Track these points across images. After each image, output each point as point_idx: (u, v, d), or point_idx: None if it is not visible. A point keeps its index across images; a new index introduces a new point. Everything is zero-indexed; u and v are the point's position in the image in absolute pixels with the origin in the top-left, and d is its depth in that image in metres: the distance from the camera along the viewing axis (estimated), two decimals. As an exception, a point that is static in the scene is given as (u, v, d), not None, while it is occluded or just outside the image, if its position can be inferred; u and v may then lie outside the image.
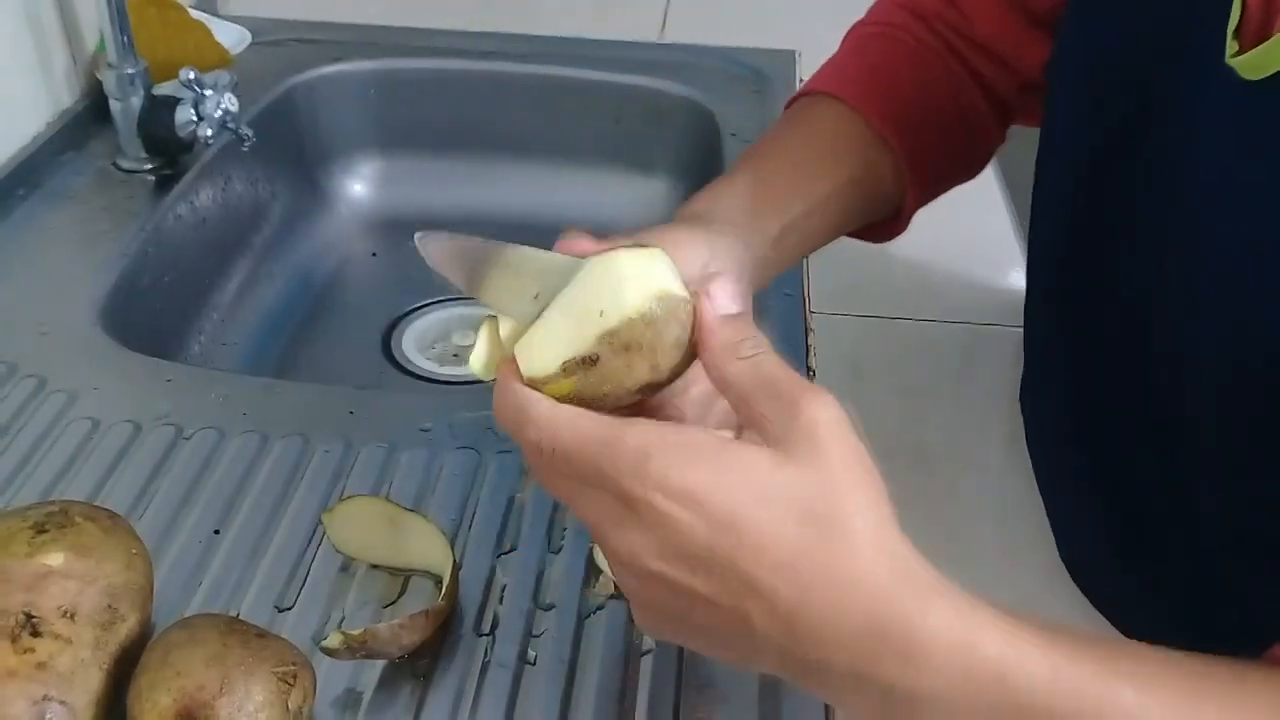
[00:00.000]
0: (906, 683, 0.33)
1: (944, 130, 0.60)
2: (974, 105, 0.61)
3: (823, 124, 0.58)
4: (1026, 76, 0.60)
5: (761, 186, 0.53)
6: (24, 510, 0.47)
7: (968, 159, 0.64)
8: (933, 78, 0.60)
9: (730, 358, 0.35)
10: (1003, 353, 0.73)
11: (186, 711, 0.42)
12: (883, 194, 0.59)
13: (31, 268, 0.76)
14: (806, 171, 0.55)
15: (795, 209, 0.53)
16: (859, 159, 0.57)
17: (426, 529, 0.53)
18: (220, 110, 0.84)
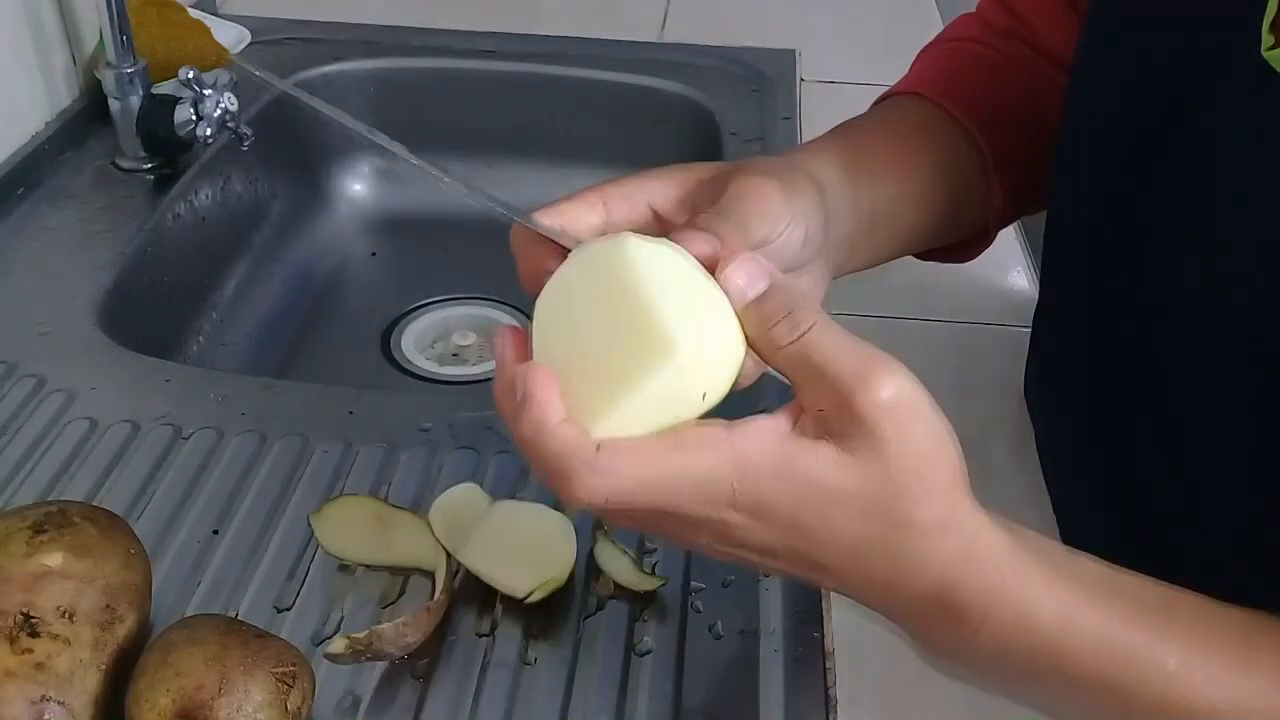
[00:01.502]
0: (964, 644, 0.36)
1: (1031, 140, 0.57)
2: (1054, 110, 0.58)
3: (909, 116, 0.56)
4: None
5: (856, 155, 0.49)
6: (22, 510, 0.47)
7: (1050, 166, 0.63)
8: (1014, 84, 0.58)
9: (772, 349, 0.34)
10: (1003, 353, 0.73)
11: (185, 712, 0.42)
12: (969, 196, 0.57)
13: (30, 267, 0.76)
14: (901, 151, 0.52)
15: (890, 189, 0.50)
16: (949, 149, 0.55)
17: (417, 526, 0.53)
18: (219, 109, 0.83)
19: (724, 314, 0.34)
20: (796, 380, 0.34)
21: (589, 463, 0.33)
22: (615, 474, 0.33)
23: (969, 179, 0.56)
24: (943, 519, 0.34)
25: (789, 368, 0.34)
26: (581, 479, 0.33)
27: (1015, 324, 0.76)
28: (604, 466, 0.33)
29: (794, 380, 0.34)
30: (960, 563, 0.34)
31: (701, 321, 0.33)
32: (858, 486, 0.33)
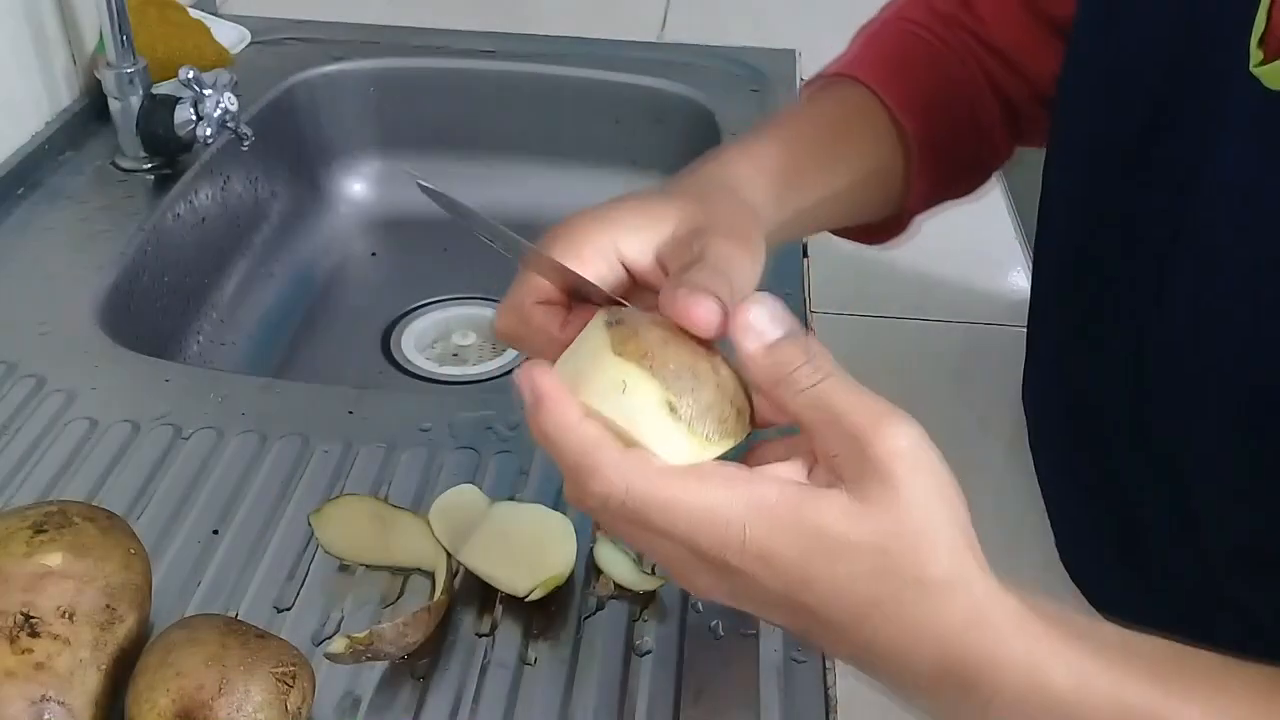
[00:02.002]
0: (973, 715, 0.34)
1: (958, 132, 0.59)
2: (988, 111, 0.60)
3: (847, 108, 0.56)
4: (1043, 87, 0.59)
5: (786, 166, 0.50)
6: (22, 510, 0.47)
7: (974, 168, 0.63)
8: (951, 76, 0.59)
9: (789, 393, 0.34)
10: (1003, 353, 0.73)
11: (185, 712, 0.42)
12: (892, 192, 0.58)
13: (30, 267, 0.76)
14: (832, 157, 0.53)
15: (815, 195, 0.51)
16: (881, 151, 0.56)
17: (417, 526, 0.53)
18: (219, 109, 0.83)
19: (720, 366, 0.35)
20: (812, 424, 0.34)
21: (614, 461, 0.33)
22: (637, 479, 0.33)
23: (894, 173, 0.57)
24: (951, 576, 0.33)
25: (806, 410, 0.34)
26: (604, 474, 0.33)
27: (1015, 324, 0.76)
28: (629, 468, 0.33)
29: (809, 424, 0.34)
30: (969, 629, 0.33)
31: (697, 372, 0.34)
32: (868, 537, 0.32)
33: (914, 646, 0.33)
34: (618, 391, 0.33)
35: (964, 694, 0.33)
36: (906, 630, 0.33)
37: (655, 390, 0.33)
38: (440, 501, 0.55)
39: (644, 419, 0.33)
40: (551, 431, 0.34)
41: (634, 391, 0.33)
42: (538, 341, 0.39)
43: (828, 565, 0.32)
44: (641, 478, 0.33)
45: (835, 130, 0.55)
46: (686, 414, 0.33)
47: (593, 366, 0.34)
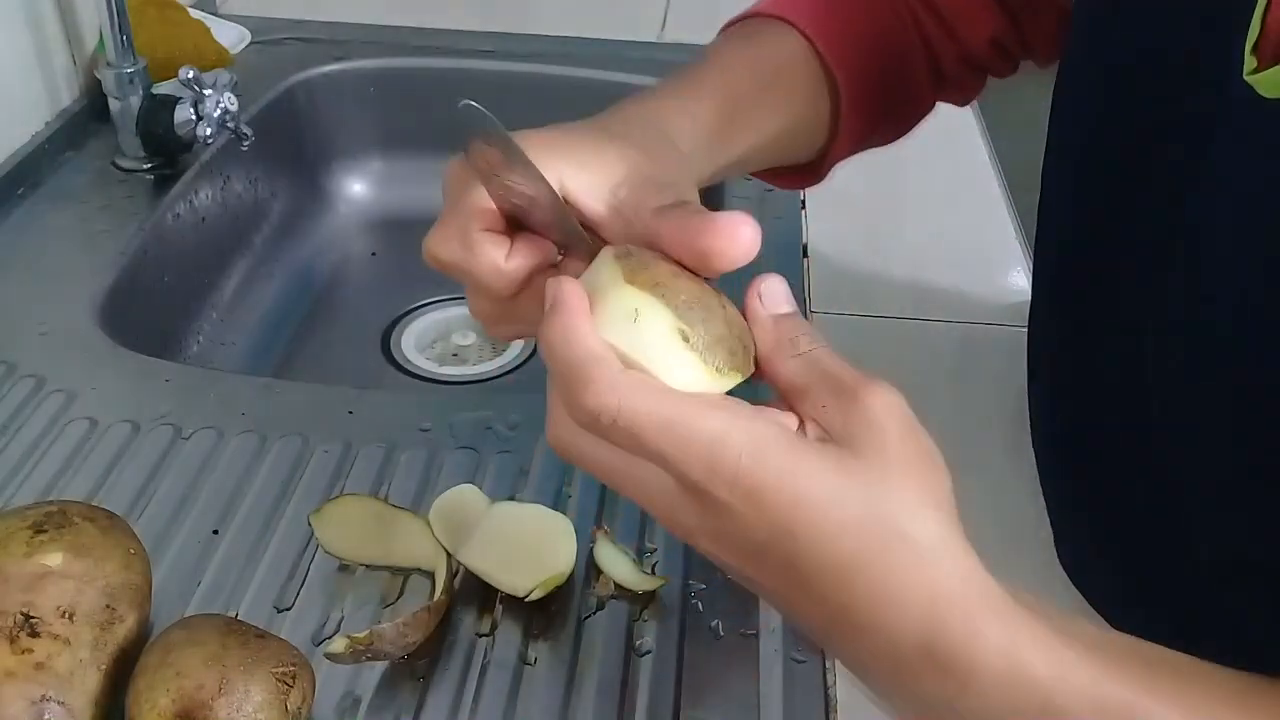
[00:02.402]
0: (949, 699, 0.32)
1: (887, 84, 0.58)
2: (917, 65, 0.60)
3: (778, 53, 0.55)
4: (970, 49, 0.59)
5: (719, 119, 0.49)
6: (22, 510, 0.47)
7: (899, 119, 0.62)
8: (884, 26, 0.58)
9: (785, 355, 0.34)
10: (1003, 353, 0.73)
11: (185, 712, 0.42)
12: (817, 139, 0.58)
13: (30, 267, 0.76)
14: (763, 108, 0.52)
15: (744, 146, 0.51)
16: (810, 100, 0.55)
17: (417, 526, 0.53)
18: (219, 109, 0.84)
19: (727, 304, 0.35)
20: (806, 383, 0.34)
21: (613, 376, 0.32)
22: (635, 395, 0.32)
23: (821, 122, 0.57)
24: (939, 541, 0.32)
25: (800, 372, 0.34)
26: (599, 387, 0.32)
27: (1015, 324, 0.76)
28: (627, 384, 0.32)
29: (802, 385, 0.34)
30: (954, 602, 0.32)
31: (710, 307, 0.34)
32: (859, 488, 0.32)
33: (897, 613, 0.32)
34: (629, 320, 0.33)
35: (941, 674, 0.32)
36: (892, 592, 0.32)
37: (668, 318, 0.33)
38: (440, 501, 0.55)
39: (657, 347, 0.33)
40: (556, 340, 0.33)
41: (646, 319, 0.33)
42: (481, 271, 0.37)
43: (816, 513, 0.31)
44: (641, 395, 0.32)
45: (768, 79, 0.54)
46: (699, 343, 0.33)
47: (603, 297, 0.33)
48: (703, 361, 0.33)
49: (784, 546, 0.32)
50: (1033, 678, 0.32)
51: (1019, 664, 0.32)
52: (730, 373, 0.34)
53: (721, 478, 0.31)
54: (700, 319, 0.33)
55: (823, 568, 0.32)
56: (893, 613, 0.32)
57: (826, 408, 0.33)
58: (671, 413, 0.32)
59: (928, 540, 0.32)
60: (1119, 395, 0.49)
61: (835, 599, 0.32)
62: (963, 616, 0.32)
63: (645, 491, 0.34)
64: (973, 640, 0.32)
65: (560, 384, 0.33)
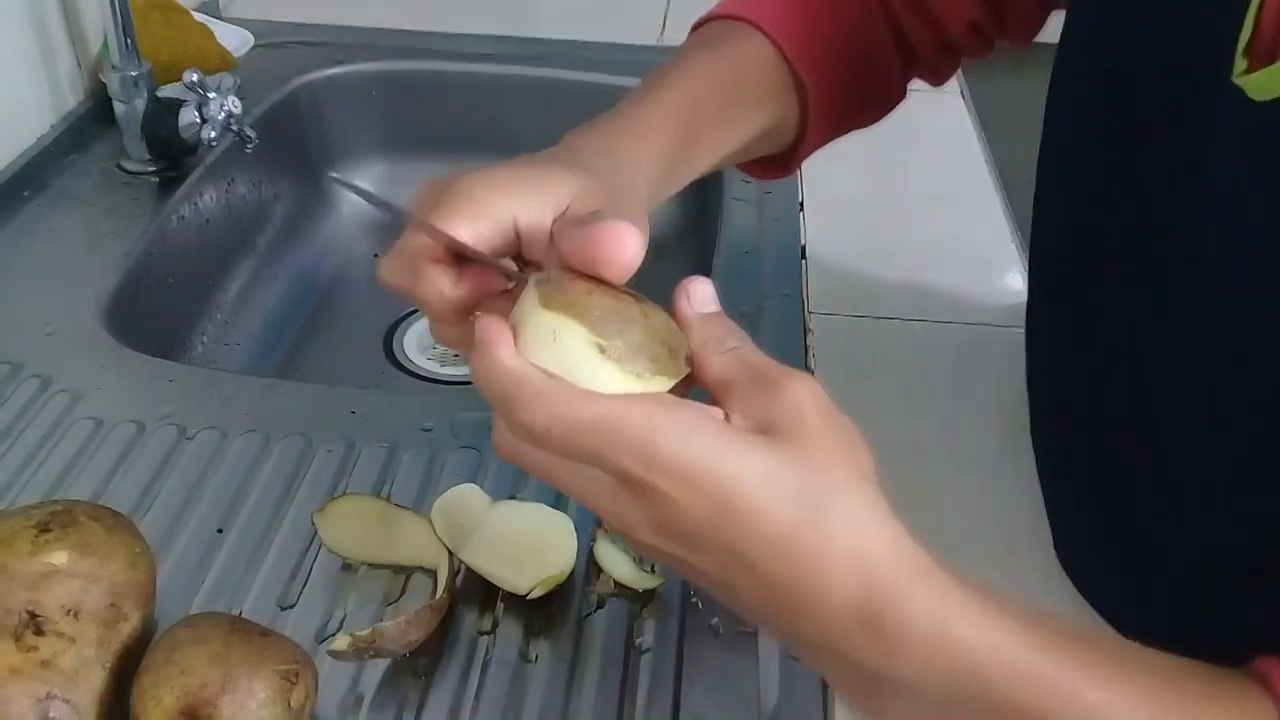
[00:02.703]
0: (880, 665, 0.34)
1: (854, 78, 0.58)
2: (886, 58, 0.59)
3: (743, 63, 0.55)
4: (950, 35, 0.59)
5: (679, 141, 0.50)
6: (28, 509, 0.48)
7: (868, 110, 0.63)
8: (851, 21, 0.58)
9: (712, 352, 0.36)
10: (1001, 353, 0.73)
11: (189, 709, 0.42)
12: (785, 140, 0.58)
13: (36, 268, 0.76)
14: (726, 121, 0.53)
15: (706, 162, 0.52)
16: (775, 107, 0.55)
17: (419, 526, 0.54)
18: (223, 112, 0.84)
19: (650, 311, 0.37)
20: (733, 377, 0.36)
21: (539, 389, 0.34)
22: (561, 405, 0.33)
23: (788, 124, 0.57)
24: (865, 510, 0.33)
25: (728, 367, 0.36)
26: (526, 404, 0.33)
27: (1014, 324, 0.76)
28: (552, 396, 0.33)
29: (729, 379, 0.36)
30: (882, 565, 0.33)
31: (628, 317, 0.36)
32: (788, 469, 0.33)
33: (831, 580, 0.33)
34: (550, 342, 0.35)
35: (873, 636, 0.33)
36: (825, 560, 0.33)
37: (583, 334, 0.35)
38: (442, 501, 0.55)
39: (576, 362, 0.34)
40: (483, 371, 0.35)
41: (563, 338, 0.35)
42: (428, 297, 0.39)
43: (749, 488, 0.33)
44: (566, 402, 0.33)
45: (732, 92, 0.54)
46: (616, 353, 0.35)
47: (525, 324, 0.36)
48: (622, 370, 0.34)
49: (720, 525, 0.33)
50: (960, 641, 0.33)
51: (947, 628, 0.33)
52: (654, 377, 0.35)
53: (655, 466, 0.33)
54: (616, 330, 0.35)
55: (759, 541, 0.33)
56: (826, 580, 0.33)
57: (751, 398, 0.35)
58: (598, 414, 0.33)
59: (857, 510, 0.33)
60: (1118, 391, 0.49)
61: (771, 572, 0.33)
62: (893, 579, 0.33)
63: (587, 491, 0.35)
64: (903, 603, 0.33)
65: (496, 410, 0.35)
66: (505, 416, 0.34)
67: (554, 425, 0.33)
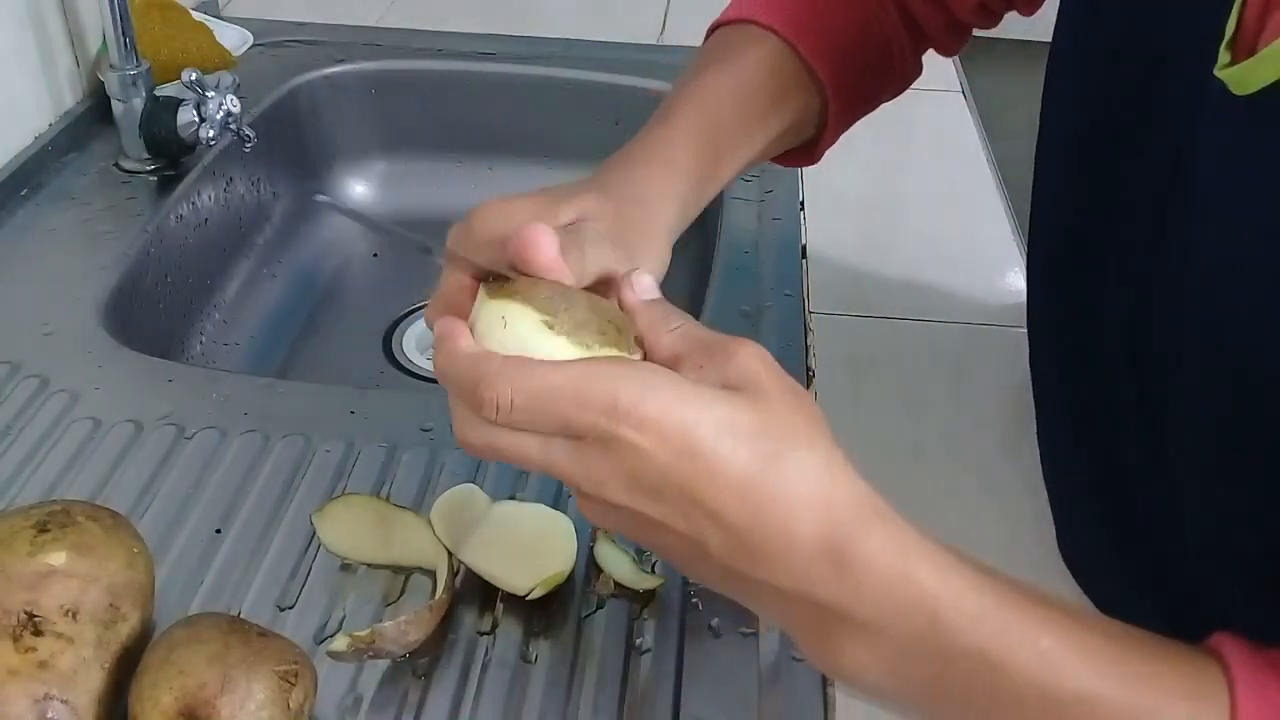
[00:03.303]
0: (840, 604, 0.34)
1: (869, 64, 0.59)
2: (899, 42, 0.60)
3: (761, 66, 0.56)
4: (958, 16, 0.60)
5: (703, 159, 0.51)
6: (26, 510, 0.47)
7: (883, 94, 0.63)
8: (865, 10, 0.59)
9: (660, 331, 0.38)
10: (1002, 353, 0.74)
11: (188, 710, 0.42)
12: (805, 134, 0.59)
13: (34, 268, 0.76)
14: (749, 129, 0.54)
15: (731, 170, 0.53)
16: (796, 106, 0.56)
17: (419, 526, 0.54)
18: (222, 111, 0.84)
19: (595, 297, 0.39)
20: (684, 350, 0.37)
21: (499, 367, 0.35)
22: (522, 375, 0.34)
23: (809, 119, 0.58)
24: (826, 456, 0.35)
25: (677, 342, 0.37)
26: (491, 380, 0.35)
27: (1015, 324, 0.77)
28: (513, 369, 0.35)
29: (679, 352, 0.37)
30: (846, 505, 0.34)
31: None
32: (748, 417, 0.34)
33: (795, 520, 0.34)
34: (500, 327, 0.36)
35: (837, 573, 0.34)
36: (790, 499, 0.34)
37: (529, 313, 0.36)
38: (441, 501, 0.55)
39: (529, 340, 0.36)
40: (444, 363, 0.36)
41: (513, 320, 0.36)
42: None
43: (711, 437, 0.34)
44: (527, 372, 0.35)
45: (750, 101, 0.55)
46: (564, 327, 0.36)
47: (477, 318, 0.37)
48: (572, 342, 0.36)
49: (686, 472, 0.34)
50: (920, 579, 0.34)
51: (908, 566, 0.34)
52: (604, 349, 0.37)
53: (620, 417, 0.34)
54: (562, 307, 0.37)
55: (723, 485, 0.34)
56: (789, 520, 0.34)
57: (705, 367, 0.36)
58: (560, 378, 0.34)
59: (817, 456, 0.35)
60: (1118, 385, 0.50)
61: (735, 517, 0.34)
62: (855, 518, 0.34)
63: (557, 459, 0.36)
64: (866, 539, 0.34)
65: (460, 397, 0.36)
66: (469, 400, 0.35)
67: (518, 396, 0.34)
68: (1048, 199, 0.54)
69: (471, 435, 0.37)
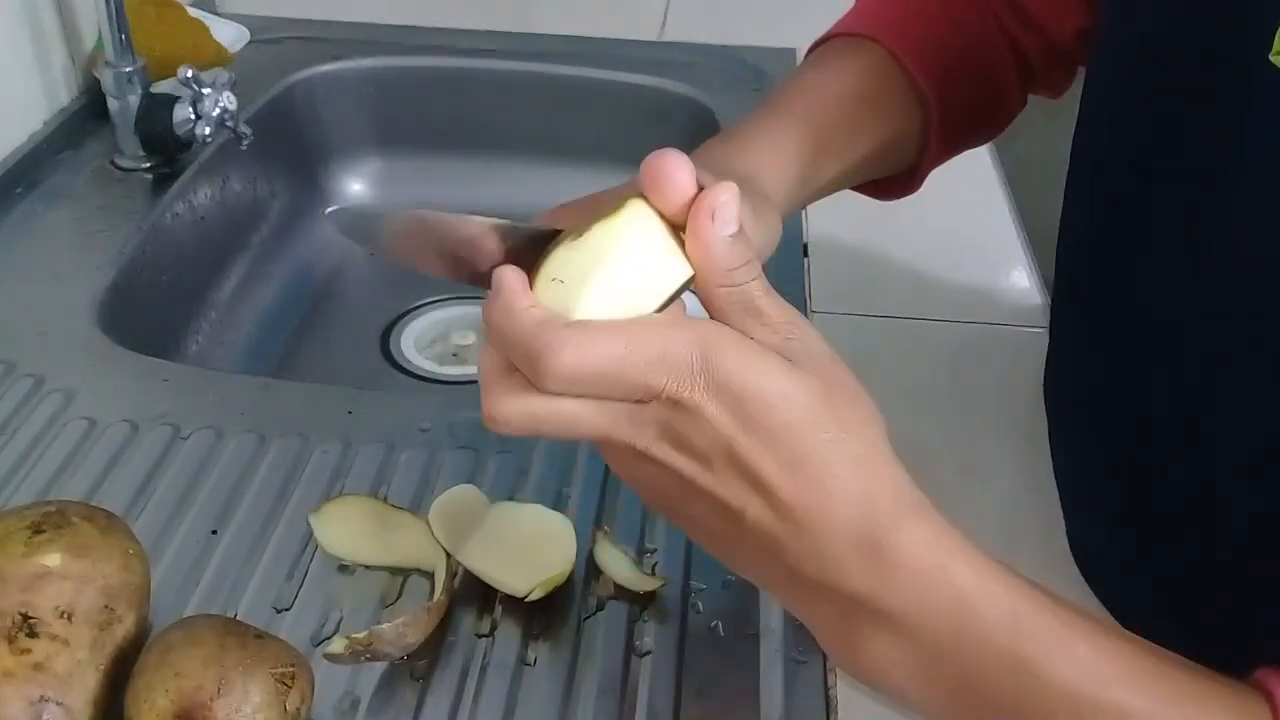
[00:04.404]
0: (873, 595, 0.34)
1: (973, 88, 0.59)
2: (1003, 68, 0.60)
3: (865, 74, 0.56)
4: (1057, 43, 0.59)
5: (806, 150, 0.51)
6: (21, 510, 0.47)
7: (989, 124, 0.63)
8: (968, 33, 0.58)
9: (730, 284, 0.35)
10: (1004, 352, 0.73)
11: (184, 712, 0.42)
12: (908, 153, 0.59)
13: (29, 266, 0.76)
14: (852, 132, 0.54)
15: (833, 171, 0.53)
16: (899, 117, 0.56)
17: (417, 527, 0.53)
18: (218, 108, 0.83)
19: None
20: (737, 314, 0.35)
21: (561, 336, 0.33)
22: (587, 344, 0.33)
23: (911, 136, 0.57)
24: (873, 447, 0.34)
25: (736, 300, 0.35)
26: (554, 352, 0.33)
27: (1015, 324, 0.76)
28: (575, 337, 0.33)
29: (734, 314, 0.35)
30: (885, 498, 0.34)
31: None
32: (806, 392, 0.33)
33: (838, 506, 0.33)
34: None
35: (871, 562, 0.33)
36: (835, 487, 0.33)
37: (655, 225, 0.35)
38: (440, 502, 0.55)
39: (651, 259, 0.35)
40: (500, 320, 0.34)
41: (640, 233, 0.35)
42: None
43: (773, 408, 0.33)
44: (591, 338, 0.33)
45: (856, 103, 0.54)
46: None
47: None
48: None
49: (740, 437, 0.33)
50: (955, 576, 0.34)
51: (944, 563, 0.34)
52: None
53: (691, 381, 0.33)
54: None
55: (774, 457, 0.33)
56: (830, 501, 0.33)
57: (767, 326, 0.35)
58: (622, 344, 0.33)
59: (869, 447, 0.34)
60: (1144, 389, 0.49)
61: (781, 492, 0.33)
62: (895, 510, 0.34)
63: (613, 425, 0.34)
64: (902, 533, 0.34)
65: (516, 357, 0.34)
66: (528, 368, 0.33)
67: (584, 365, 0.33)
68: (1086, 183, 0.54)
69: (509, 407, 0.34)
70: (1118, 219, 0.50)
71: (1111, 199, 0.51)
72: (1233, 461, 0.44)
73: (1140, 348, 0.49)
